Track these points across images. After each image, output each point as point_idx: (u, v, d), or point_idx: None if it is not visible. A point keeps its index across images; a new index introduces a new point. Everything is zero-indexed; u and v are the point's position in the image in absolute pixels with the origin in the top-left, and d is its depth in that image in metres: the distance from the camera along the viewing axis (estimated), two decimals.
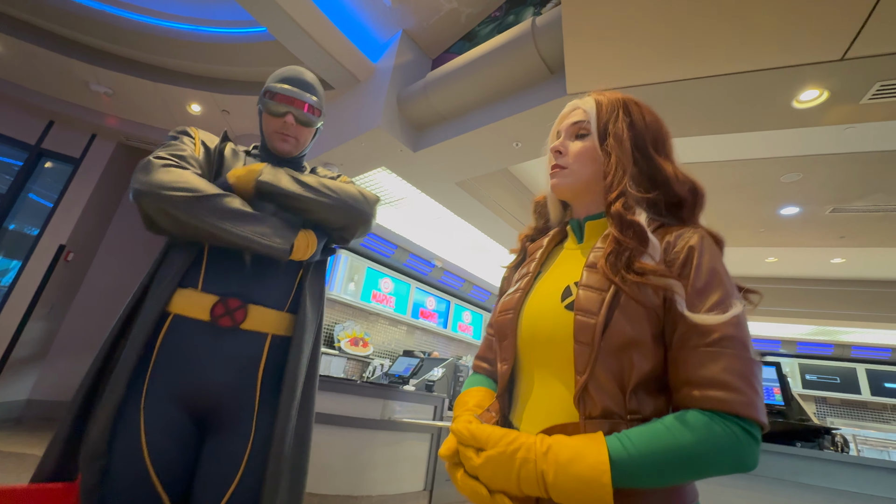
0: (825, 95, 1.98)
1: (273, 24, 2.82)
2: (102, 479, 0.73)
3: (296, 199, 0.92)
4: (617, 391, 0.50)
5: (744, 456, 0.45)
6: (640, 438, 0.46)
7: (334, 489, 2.44)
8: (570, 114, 0.69)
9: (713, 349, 0.48)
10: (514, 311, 0.62)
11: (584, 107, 0.67)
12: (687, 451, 0.44)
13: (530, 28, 2.45)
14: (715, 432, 0.45)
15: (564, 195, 0.68)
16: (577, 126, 0.67)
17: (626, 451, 0.45)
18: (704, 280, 0.51)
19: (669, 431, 0.46)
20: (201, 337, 0.84)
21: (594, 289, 0.54)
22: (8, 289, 3.99)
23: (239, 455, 0.81)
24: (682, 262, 0.53)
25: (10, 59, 3.73)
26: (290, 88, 1.02)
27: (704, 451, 0.45)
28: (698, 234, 0.55)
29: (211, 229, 0.83)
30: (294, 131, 1.04)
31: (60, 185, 4.35)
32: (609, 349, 0.50)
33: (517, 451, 0.47)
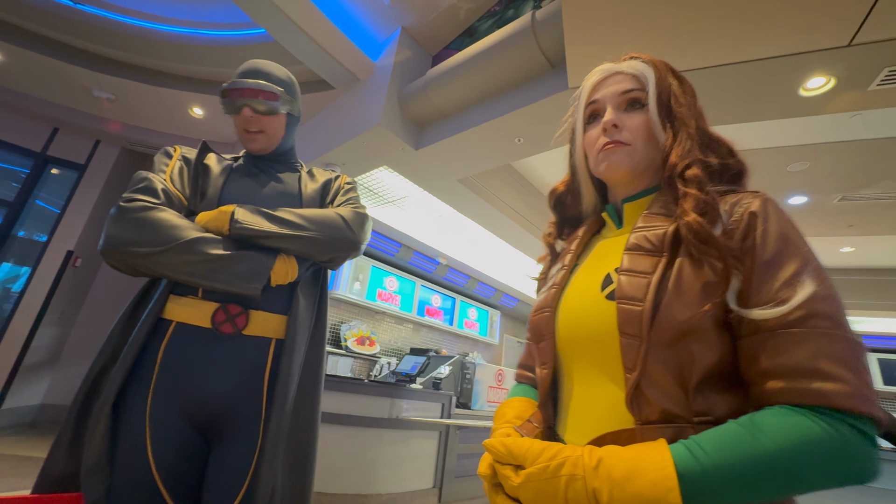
0: (832, 82, 1.95)
1: (271, 25, 2.81)
2: (108, 491, 0.73)
3: (273, 239, 0.88)
4: (677, 390, 0.42)
5: (856, 461, 0.35)
6: (714, 445, 0.37)
7: (344, 488, 2.46)
8: (611, 79, 0.59)
9: (797, 330, 0.38)
10: (551, 308, 0.55)
11: (632, 71, 0.58)
12: (777, 458, 0.35)
13: (530, 22, 2.43)
14: (812, 432, 0.35)
15: (623, 178, 0.57)
16: (629, 95, 0.57)
17: (698, 462, 0.36)
18: (773, 250, 0.42)
19: (751, 434, 0.36)
20: (203, 345, 0.84)
21: (637, 272, 0.46)
22: (19, 295, 4.04)
23: (245, 463, 0.80)
24: (742, 232, 0.44)
25: (14, 68, 3.76)
26: (238, 80, 0.97)
27: (800, 457, 0.35)
28: (759, 199, 0.46)
29: (179, 278, 0.82)
30: (257, 124, 0.98)
31: (67, 192, 4.40)
32: (662, 340, 0.42)
33: (561, 467, 0.39)
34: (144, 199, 0.84)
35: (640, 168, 0.56)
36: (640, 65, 0.58)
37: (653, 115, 0.55)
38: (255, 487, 0.77)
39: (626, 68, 0.59)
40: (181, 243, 0.81)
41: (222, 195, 0.95)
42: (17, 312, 3.95)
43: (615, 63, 0.61)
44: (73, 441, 0.77)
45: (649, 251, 0.48)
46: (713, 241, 0.44)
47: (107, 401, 0.76)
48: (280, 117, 1.02)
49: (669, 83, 0.57)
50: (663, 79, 0.57)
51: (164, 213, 0.84)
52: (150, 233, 0.81)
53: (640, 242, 0.49)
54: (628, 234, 0.52)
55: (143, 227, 0.81)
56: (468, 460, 3.19)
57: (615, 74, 0.59)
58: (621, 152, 0.55)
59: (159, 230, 0.81)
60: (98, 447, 0.73)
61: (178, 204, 0.91)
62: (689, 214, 0.46)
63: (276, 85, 1.01)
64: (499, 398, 3.69)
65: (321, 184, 1.10)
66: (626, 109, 0.57)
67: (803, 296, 0.39)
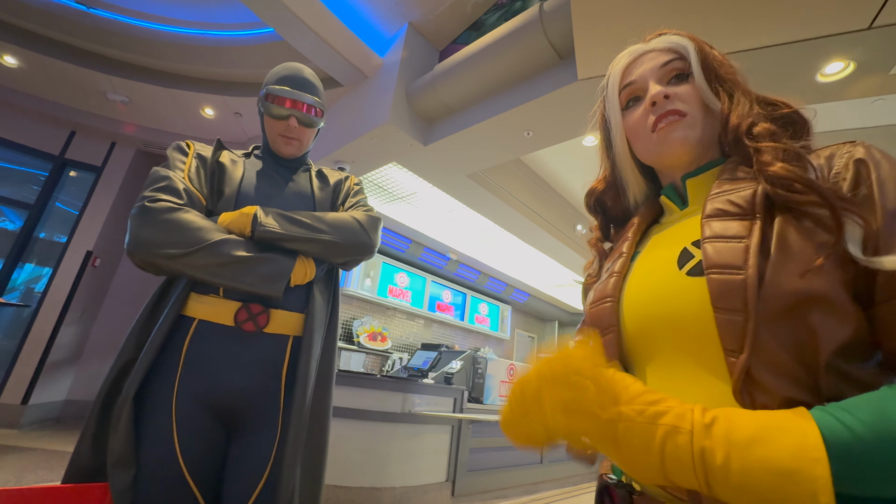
0: (852, 67, 1.89)
1: (280, 24, 2.83)
2: (135, 482, 0.75)
3: (294, 242, 0.92)
4: (801, 371, 0.34)
5: None
6: (871, 411, 0.29)
7: (358, 481, 2.49)
8: (644, 58, 0.55)
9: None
10: (613, 298, 0.48)
11: (666, 45, 0.54)
12: None
13: (538, 13, 2.40)
14: None
15: (686, 154, 0.51)
16: (670, 66, 0.52)
17: (850, 431, 0.28)
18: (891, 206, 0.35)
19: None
20: (226, 342, 0.86)
21: (729, 237, 0.39)
22: (41, 295, 4.16)
23: (266, 454, 0.83)
24: (851, 182, 0.37)
25: (31, 73, 3.86)
26: (290, 90, 1.01)
27: None
28: (862, 146, 0.39)
29: (205, 279, 0.85)
30: (297, 133, 1.04)
31: (85, 193, 4.50)
32: (773, 312, 0.34)
33: (662, 416, 0.32)
34: (169, 200, 0.86)
35: (706, 140, 0.50)
36: (674, 37, 0.54)
37: (701, 84, 0.50)
38: (278, 478, 0.80)
39: (657, 44, 0.55)
40: (208, 245, 0.84)
41: (239, 194, 0.97)
42: (40, 312, 4.08)
43: (641, 44, 0.57)
44: (97, 435, 0.80)
45: (737, 215, 0.40)
46: (811, 184, 0.37)
47: (129, 394, 0.79)
48: (315, 130, 1.08)
49: (707, 49, 0.52)
50: (703, 47, 0.52)
51: (189, 215, 0.86)
52: (177, 234, 0.83)
53: (723, 207, 0.42)
54: (698, 211, 0.47)
55: (170, 228, 0.83)
56: (481, 454, 3.20)
57: (647, 53, 0.55)
58: (682, 126, 0.49)
59: (186, 232, 0.83)
60: (123, 439, 0.76)
61: (199, 204, 0.93)
62: (773, 165, 0.40)
63: (320, 100, 1.06)
64: None
65: (332, 185, 1.13)
66: (670, 83, 0.52)
67: None
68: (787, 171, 0.39)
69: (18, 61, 3.72)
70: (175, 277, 0.91)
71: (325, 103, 1.10)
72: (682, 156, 0.51)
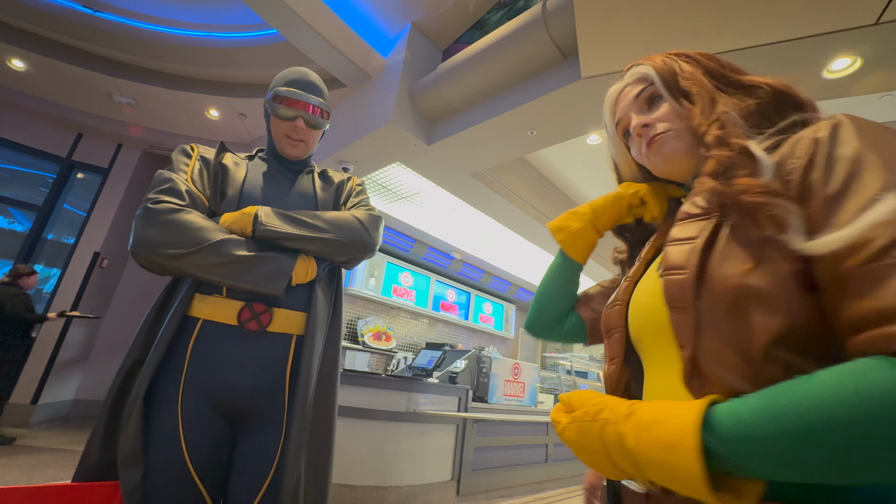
0: (858, 63, 1.87)
1: (283, 26, 2.84)
2: (144, 480, 0.77)
3: (295, 241, 0.93)
4: (742, 363, 0.35)
5: None
6: (765, 394, 0.31)
7: (364, 480, 2.50)
8: (623, 94, 0.60)
9: (877, 265, 0.30)
10: (622, 301, 0.53)
11: (635, 77, 0.58)
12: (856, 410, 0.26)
13: (541, 12, 2.40)
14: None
15: (679, 160, 0.53)
16: (644, 95, 0.57)
17: (734, 414, 0.31)
18: (844, 175, 0.34)
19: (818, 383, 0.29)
20: (230, 341, 0.87)
21: (682, 240, 0.42)
22: (50, 296, 4.21)
23: (271, 453, 0.84)
24: (804, 167, 0.37)
25: (38, 76, 3.90)
26: (297, 92, 1.03)
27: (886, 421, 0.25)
28: (831, 122, 0.38)
29: (207, 278, 0.86)
30: (303, 135, 1.05)
31: (92, 195, 4.55)
32: (714, 308, 0.37)
33: (600, 412, 0.38)
34: (171, 201, 0.87)
35: (692, 150, 0.53)
36: (639, 67, 0.58)
37: (671, 102, 0.54)
38: (282, 474, 0.81)
39: (628, 79, 0.59)
40: (209, 245, 0.85)
41: (242, 195, 0.98)
42: (49, 312, 4.13)
43: (619, 82, 0.61)
44: (106, 434, 0.81)
45: (699, 216, 0.43)
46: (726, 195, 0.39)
47: (138, 394, 0.80)
48: (321, 132, 1.10)
49: (671, 67, 0.55)
50: (663, 67, 0.55)
51: (190, 216, 0.87)
52: (179, 235, 0.84)
53: (689, 209, 0.45)
54: None
55: (172, 229, 0.84)
56: (486, 453, 3.21)
57: (623, 89, 0.60)
58: (667, 140, 0.53)
59: (188, 232, 0.85)
60: (132, 438, 0.77)
61: (201, 205, 0.94)
62: (706, 183, 0.42)
63: (326, 101, 1.08)
64: (515, 392, 3.70)
65: (335, 185, 1.14)
66: (649, 109, 0.57)
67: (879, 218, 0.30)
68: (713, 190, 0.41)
69: (26, 65, 3.76)
70: (180, 278, 0.93)
71: (329, 106, 1.11)
72: (681, 166, 0.54)
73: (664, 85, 0.55)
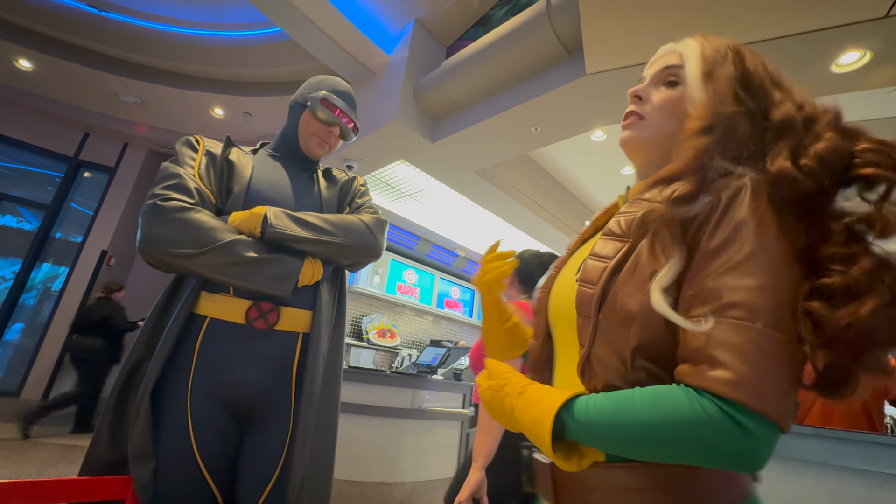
0: (868, 57, 1.85)
1: (287, 24, 2.85)
2: (155, 475, 0.78)
3: (303, 243, 0.94)
4: (620, 365, 0.44)
5: (726, 449, 0.35)
6: (605, 401, 0.42)
7: (369, 476, 2.52)
8: (662, 58, 0.58)
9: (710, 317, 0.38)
10: (546, 289, 0.60)
11: (681, 49, 0.55)
12: (648, 425, 0.38)
13: (545, 8, 2.39)
14: (685, 411, 0.36)
15: (635, 149, 0.56)
16: (668, 71, 0.55)
17: (586, 410, 0.42)
18: (723, 238, 0.39)
19: (635, 401, 0.40)
20: (238, 339, 0.88)
21: (601, 257, 0.48)
22: (58, 294, 4.26)
23: (278, 449, 0.85)
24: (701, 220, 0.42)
25: (45, 76, 3.93)
26: (345, 104, 1.09)
27: (670, 430, 0.37)
28: (745, 179, 0.41)
29: (215, 278, 0.87)
30: (334, 142, 1.10)
31: (99, 194, 4.59)
32: (608, 321, 0.45)
33: (504, 387, 0.50)
34: (180, 199, 0.87)
35: (654, 144, 0.54)
36: (692, 42, 0.56)
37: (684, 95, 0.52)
38: (289, 470, 0.82)
39: (679, 47, 0.57)
40: (219, 245, 0.85)
41: (248, 193, 0.98)
42: (57, 310, 4.18)
43: (678, 43, 0.58)
44: (112, 429, 0.82)
45: (618, 236, 0.49)
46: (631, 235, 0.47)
47: (146, 391, 0.81)
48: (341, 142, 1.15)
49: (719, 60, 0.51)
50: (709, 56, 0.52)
51: (200, 215, 0.87)
52: (188, 234, 0.84)
53: (612, 227, 0.50)
54: None
55: (181, 228, 0.84)
56: None
57: (669, 53, 0.57)
58: (637, 126, 0.56)
59: (198, 232, 0.85)
60: (142, 434, 0.78)
61: (209, 202, 0.94)
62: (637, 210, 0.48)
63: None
64: None
65: (339, 185, 1.14)
66: (665, 85, 0.56)
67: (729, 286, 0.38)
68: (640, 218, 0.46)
69: (33, 65, 3.79)
70: (185, 276, 0.93)
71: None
72: (630, 152, 0.58)
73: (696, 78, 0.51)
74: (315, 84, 1.10)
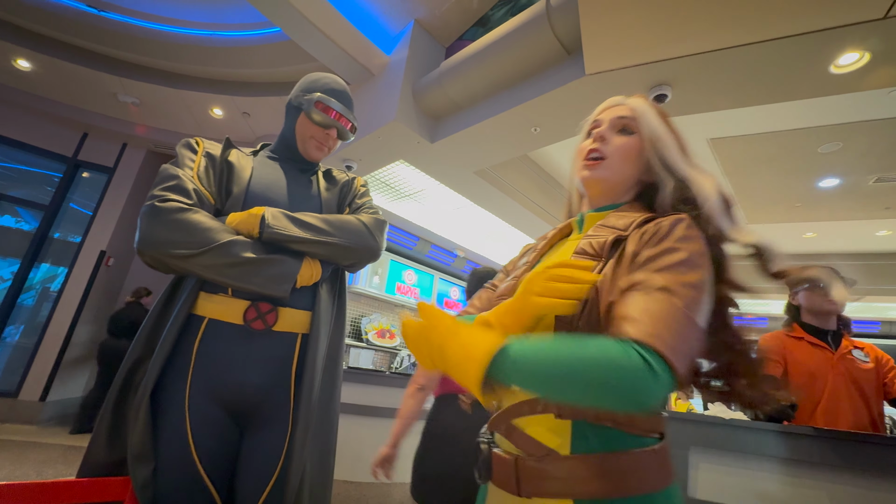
0: (866, 58, 1.85)
1: (287, 24, 2.85)
2: (153, 476, 0.77)
3: (301, 244, 0.93)
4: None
5: (631, 383, 0.42)
6: (538, 341, 0.47)
7: (368, 477, 2.51)
8: (615, 107, 0.68)
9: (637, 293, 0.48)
10: (509, 296, 0.63)
11: (632, 105, 0.67)
12: (574, 358, 0.44)
13: (544, 8, 2.39)
14: (609, 351, 0.43)
15: (595, 187, 0.66)
16: (623, 121, 0.66)
17: (521, 346, 0.46)
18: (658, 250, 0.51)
19: (565, 341, 0.47)
20: (236, 340, 0.88)
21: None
22: (57, 294, 4.24)
23: (278, 449, 0.85)
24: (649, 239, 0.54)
25: (44, 76, 3.92)
26: (341, 105, 1.07)
27: (593, 364, 0.43)
28: (669, 220, 0.54)
29: (213, 279, 0.86)
30: (332, 144, 1.09)
31: (97, 194, 4.58)
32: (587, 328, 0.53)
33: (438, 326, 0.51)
34: (178, 199, 0.87)
35: (612, 182, 0.65)
36: (640, 101, 0.68)
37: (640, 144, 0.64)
38: (288, 471, 0.82)
39: (628, 101, 0.68)
40: (217, 246, 0.85)
41: (247, 194, 0.98)
42: (56, 311, 4.17)
43: (626, 97, 0.70)
44: (111, 430, 0.82)
45: (592, 255, 0.57)
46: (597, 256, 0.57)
47: (145, 392, 0.80)
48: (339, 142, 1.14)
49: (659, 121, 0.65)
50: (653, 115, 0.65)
51: (198, 216, 0.87)
52: (186, 235, 0.84)
53: (584, 248, 0.59)
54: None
55: (179, 228, 0.84)
56: None
57: (620, 105, 0.69)
58: (599, 167, 0.65)
59: (196, 232, 0.85)
60: (142, 435, 0.78)
61: (207, 203, 0.94)
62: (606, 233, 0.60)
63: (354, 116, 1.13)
64: None
65: (339, 185, 1.14)
66: (619, 132, 0.66)
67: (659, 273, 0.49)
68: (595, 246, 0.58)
69: (32, 65, 3.78)
70: (184, 277, 0.93)
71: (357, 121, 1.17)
72: (594, 188, 0.67)
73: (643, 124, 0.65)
74: (309, 84, 1.09)
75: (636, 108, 0.66)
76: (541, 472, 0.51)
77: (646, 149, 0.64)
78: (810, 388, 1.60)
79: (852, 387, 1.57)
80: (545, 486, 0.51)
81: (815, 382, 1.60)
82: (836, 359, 1.61)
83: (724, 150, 3.26)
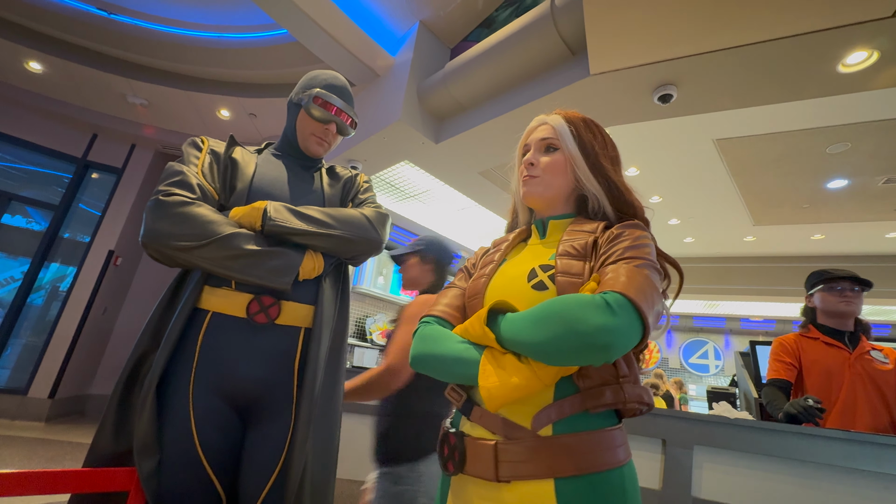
0: (875, 56, 1.84)
1: (293, 26, 2.87)
2: (158, 467, 0.78)
3: (303, 236, 0.94)
4: None
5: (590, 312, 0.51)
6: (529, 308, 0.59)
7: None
8: (538, 129, 0.78)
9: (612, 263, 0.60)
10: (480, 295, 0.70)
11: (553, 123, 0.76)
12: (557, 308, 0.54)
13: (549, 9, 2.39)
14: (586, 298, 0.53)
15: (536, 201, 0.76)
16: (546, 142, 0.76)
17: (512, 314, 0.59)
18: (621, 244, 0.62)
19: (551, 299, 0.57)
20: (239, 333, 0.88)
21: (572, 274, 0.63)
22: (66, 294, 4.30)
23: (280, 443, 0.85)
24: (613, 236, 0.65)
25: (54, 77, 3.98)
26: (340, 100, 1.08)
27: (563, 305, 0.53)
28: (633, 223, 0.66)
29: (216, 271, 0.87)
30: (332, 139, 1.10)
31: (106, 195, 4.64)
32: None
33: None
34: (182, 194, 0.89)
35: (549, 196, 0.74)
36: (557, 119, 0.76)
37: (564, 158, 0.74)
38: (290, 463, 0.82)
39: (550, 120, 0.77)
40: (219, 238, 0.86)
41: (251, 190, 0.99)
42: (65, 310, 4.22)
43: (547, 116, 0.79)
44: (117, 422, 0.83)
45: (578, 256, 0.65)
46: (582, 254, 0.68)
47: (151, 385, 0.81)
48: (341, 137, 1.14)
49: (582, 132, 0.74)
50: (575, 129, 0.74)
51: (201, 209, 0.88)
52: (189, 227, 0.85)
53: (568, 250, 0.66)
54: (551, 242, 0.73)
55: (182, 221, 0.86)
56: None
57: (542, 125, 0.78)
58: (533, 184, 0.75)
59: (198, 225, 0.86)
60: (147, 427, 0.79)
61: (211, 198, 0.95)
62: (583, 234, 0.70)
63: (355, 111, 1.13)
64: None
65: (342, 182, 1.15)
66: (544, 152, 0.76)
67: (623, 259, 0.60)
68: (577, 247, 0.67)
69: (43, 67, 3.84)
70: (189, 271, 0.94)
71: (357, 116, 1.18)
72: (534, 203, 0.77)
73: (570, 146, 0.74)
74: (309, 81, 1.10)
75: (556, 128, 0.75)
76: (525, 453, 0.56)
77: (570, 162, 0.74)
78: (826, 389, 1.57)
79: (870, 387, 1.53)
80: (526, 468, 0.55)
81: (831, 382, 1.57)
82: (854, 359, 1.58)
83: (731, 151, 3.24)
